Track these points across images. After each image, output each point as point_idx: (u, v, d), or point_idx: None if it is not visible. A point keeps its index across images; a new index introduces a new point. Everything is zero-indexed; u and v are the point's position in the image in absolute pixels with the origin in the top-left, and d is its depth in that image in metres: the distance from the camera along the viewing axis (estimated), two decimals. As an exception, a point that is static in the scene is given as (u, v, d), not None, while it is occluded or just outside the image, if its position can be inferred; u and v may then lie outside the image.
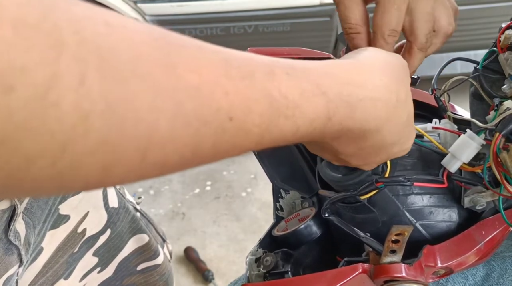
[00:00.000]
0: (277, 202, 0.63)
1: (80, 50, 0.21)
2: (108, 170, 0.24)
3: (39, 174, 0.21)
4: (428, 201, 0.52)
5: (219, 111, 0.27)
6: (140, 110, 0.23)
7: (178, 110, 0.25)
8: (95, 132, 0.22)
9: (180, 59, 0.26)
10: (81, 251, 0.69)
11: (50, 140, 0.21)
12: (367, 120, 0.37)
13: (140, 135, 0.23)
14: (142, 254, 0.78)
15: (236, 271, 1.85)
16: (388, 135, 0.40)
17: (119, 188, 0.76)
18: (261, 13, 1.97)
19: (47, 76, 0.20)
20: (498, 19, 2.01)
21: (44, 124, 0.20)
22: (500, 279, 0.60)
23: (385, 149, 0.42)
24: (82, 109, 0.21)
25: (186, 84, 0.25)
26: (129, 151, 0.23)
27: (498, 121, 0.47)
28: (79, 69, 0.21)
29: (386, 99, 0.39)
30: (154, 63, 0.24)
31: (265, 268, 0.53)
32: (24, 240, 0.56)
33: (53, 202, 0.62)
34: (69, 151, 0.21)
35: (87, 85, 0.21)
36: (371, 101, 0.37)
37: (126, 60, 0.23)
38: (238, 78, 0.28)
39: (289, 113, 0.31)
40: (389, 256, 0.47)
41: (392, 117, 0.39)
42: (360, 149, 0.40)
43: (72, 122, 0.21)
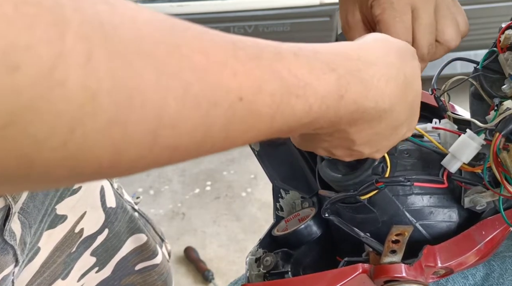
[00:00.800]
0: (277, 202, 0.63)
1: (84, 28, 0.21)
2: (120, 152, 0.23)
3: (50, 155, 0.21)
4: (428, 201, 0.52)
5: (229, 92, 0.27)
6: (146, 90, 0.23)
7: (186, 91, 0.24)
8: (103, 112, 0.21)
9: (185, 40, 0.25)
10: (79, 251, 0.69)
11: (58, 120, 0.20)
12: (382, 98, 0.37)
13: (149, 116, 0.23)
14: (140, 253, 0.78)
15: (236, 271, 1.85)
16: (400, 114, 0.40)
17: (117, 187, 0.76)
18: (261, 13, 1.97)
19: (52, 54, 0.19)
20: (498, 19, 2.01)
21: (51, 104, 0.20)
22: (500, 279, 0.60)
23: (397, 130, 0.42)
24: (89, 88, 0.21)
25: (193, 64, 0.25)
26: (139, 132, 0.23)
27: (498, 121, 0.47)
28: (84, 47, 0.20)
29: (396, 76, 0.38)
30: (158, 43, 0.24)
31: (265, 268, 0.53)
32: (20, 240, 0.56)
33: (50, 202, 0.62)
34: (78, 130, 0.21)
35: (93, 63, 0.21)
36: (383, 77, 0.37)
37: (129, 38, 0.23)
38: (246, 59, 0.28)
39: (300, 92, 0.31)
40: (389, 256, 0.47)
41: (403, 95, 0.39)
42: (376, 133, 0.40)
43: (79, 102, 0.21)
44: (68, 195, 0.65)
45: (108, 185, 0.73)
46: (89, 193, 0.68)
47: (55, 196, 0.63)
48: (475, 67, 0.57)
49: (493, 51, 0.56)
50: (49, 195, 0.61)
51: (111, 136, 0.22)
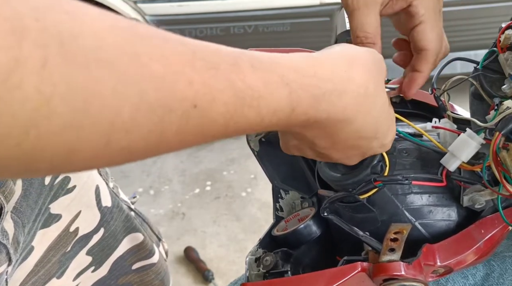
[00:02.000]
0: (277, 202, 0.63)
1: (42, 36, 0.22)
2: (73, 153, 0.25)
3: (4, 153, 0.22)
4: (427, 200, 0.52)
5: (184, 100, 0.28)
6: (103, 96, 0.24)
7: (142, 98, 0.26)
8: (58, 115, 0.23)
9: (145, 49, 0.26)
10: (74, 250, 0.69)
11: (14, 122, 0.22)
12: (335, 111, 0.38)
13: (104, 120, 0.24)
14: (137, 253, 0.78)
15: (236, 271, 1.85)
16: (363, 128, 0.41)
17: (113, 187, 0.76)
18: (261, 13, 1.97)
19: (9, 60, 0.21)
20: (498, 19, 2.01)
21: (7, 106, 0.21)
22: (500, 279, 0.61)
23: (362, 142, 0.43)
24: (44, 92, 0.22)
25: (150, 73, 0.26)
26: (93, 135, 0.24)
27: (498, 121, 0.47)
28: (40, 54, 0.22)
29: (353, 91, 0.39)
30: (117, 51, 0.25)
31: (265, 268, 0.53)
32: (13, 239, 0.56)
33: (43, 201, 0.62)
34: (33, 132, 0.22)
35: (48, 69, 0.22)
36: (336, 92, 0.38)
37: (88, 46, 0.24)
38: (203, 69, 0.29)
39: (254, 104, 0.32)
40: (388, 255, 0.47)
41: (362, 109, 0.40)
42: (335, 142, 0.41)
43: (34, 105, 0.22)
44: (62, 194, 0.65)
45: (104, 184, 0.73)
46: (84, 192, 0.68)
47: (49, 195, 0.63)
48: (475, 67, 0.57)
49: (493, 51, 0.56)
50: (43, 194, 0.61)
51: (64, 139, 0.24)
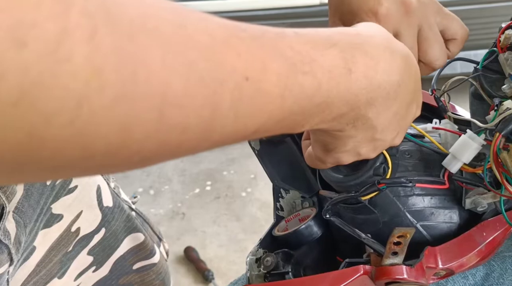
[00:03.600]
0: (278, 201, 0.63)
1: (88, 5, 0.21)
2: (127, 129, 0.23)
3: (59, 132, 0.21)
4: (429, 202, 0.52)
5: (234, 72, 0.27)
6: (151, 66, 0.23)
7: (191, 69, 0.25)
8: (109, 87, 0.22)
9: (189, 21, 0.26)
10: (76, 250, 0.69)
11: (65, 96, 0.21)
12: (393, 70, 0.37)
13: (155, 92, 0.23)
14: (137, 253, 0.78)
15: (236, 271, 1.85)
16: (409, 88, 0.40)
17: (114, 187, 0.76)
18: (261, 13, 1.97)
19: (57, 31, 0.20)
20: (498, 19, 2.01)
21: (58, 80, 0.20)
22: (500, 279, 0.61)
23: (409, 107, 0.42)
24: (95, 64, 0.21)
25: (197, 44, 0.25)
26: (145, 108, 0.23)
27: (498, 121, 0.47)
28: (88, 23, 0.21)
29: (397, 49, 0.39)
30: (163, 21, 0.24)
31: (265, 269, 0.53)
32: (15, 239, 0.56)
33: (45, 201, 0.62)
34: (85, 107, 0.21)
35: (97, 39, 0.21)
36: (387, 49, 0.37)
37: (133, 16, 0.23)
38: (249, 39, 0.28)
39: (306, 69, 0.31)
40: (391, 258, 0.47)
41: (407, 67, 0.40)
42: (394, 113, 0.40)
43: (85, 77, 0.21)
44: (64, 194, 0.65)
45: (105, 184, 0.73)
46: (85, 192, 0.68)
47: (51, 195, 0.63)
48: (475, 67, 0.57)
49: (493, 51, 0.56)
50: (44, 194, 0.61)
51: (117, 113, 0.23)
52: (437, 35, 0.55)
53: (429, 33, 0.54)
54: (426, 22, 0.53)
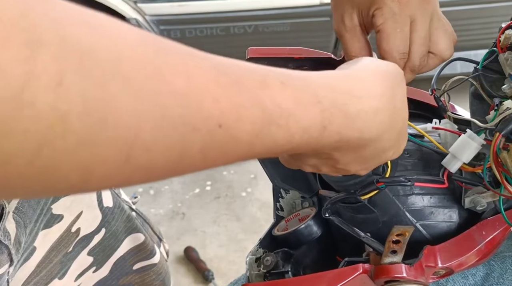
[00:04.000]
0: (277, 201, 0.63)
1: (60, 50, 0.21)
2: (90, 171, 0.23)
3: (16, 172, 0.21)
4: (428, 201, 0.52)
5: (208, 118, 0.26)
6: (121, 113, 0.23)
7: (164, 115, 0.24)
8: (73, 133, 0.22)
9: (167, 64, 0.25)
10: (76, 250, 0.69)
11: (25, 140, 0.21)
12: (369, 130, 0.37)
13: (122, 138, 0.23)
14: (138, 253, 0.78)
15: (236, 271, 1.85)
16: (387, 141, 0.40)
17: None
18: (261, 13, 1.97)
19: (22, 75, 0.20)
20: (498, 19, 2.01)
21: (19, 124, 0.20)
22: (500, 279, 0.61)
23: (384, 154, 0.42)
24: (60, 110, 0.21)
25: (173, 89, 0.25)
26: (110, 152, 0.23)
27: (498, 121, 0.47)
28: (57, 69, 0.21)
29: (387, 107, 0.38)
30: (137, 66, 0.24)
31: (265, 268, 0.53)
32: (15, 240, 0.56)
33: (45, 202, 0.62)
34: (46, 150, 0.21)
35: (65, 85, 0.21)
36: (371, 110, 0.37)
37: (106, 61, 0.23)
38: (228, 85, 0.28)
39: (282, 122, 0.31)
40: (390, 257, 0.47)
41: (391, 124, 0.39)
42: (360, 156, 0.40)
43: (49, 123, 0.21)
44: (64, 195, 0.65)
45: None
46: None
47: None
48: (475, 67, 0.57)
49: (493, 51, 0.56)
50: None
51: (80, 156, 0.23)
52: (447, 25, 0.54)
53: (439, 24, 0.53)
54: (436, 13, 0.53)
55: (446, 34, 0.54)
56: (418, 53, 0.52)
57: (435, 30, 0.53)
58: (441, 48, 0.53)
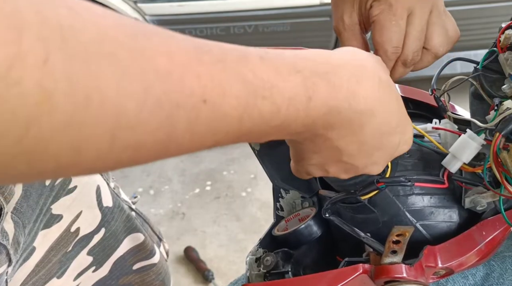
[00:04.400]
0: (277, 201, 0.63)
1: (42, 29, 0.22)
2: (78, 150, 0.24)
3: (5, 151, 0.22)
4: (428, 201, 0.52)
5: (192, 95, 0.27)
6: (105, 91, 0.23)
7: (148, 93, 0.25)
8: (60, 111, 0.22)
9: (148, 43, 0.26)
10: (75, 250, 0.69)
11: (13, 118, 0.21)
12: (356, 99, 0.37)
13: (108, 116, 0.24)
14: (137, 253, 0.78)
15: (236, 271, 1.85)
16: (385, 119, 0.39)
17: (114, 187, 0.75)
18: (261, 13, 1.97)
19: (9, 55, 0.20)
20: (498, 19, 2.01)
21: (6, 103, 0.21)
22: (500, 279, 0.61)
23: (387, 139, 0.41)
24: (46, 88, 0.21)
25: (156, 67, 0.26)
26: (97, 131, 0.24)
27: (498, 121, 0.47)
28: (42, 49, 0.21)
29: (369, 78, 0.38)
30: (120, 45, 0.24)
31: (265, 268, 0.53)
32: (13, 240, 0.56)
33: (44, 202, 0.62)
34: (34, 129, 0.22)
35: (50, 64, 0.21)
36: (353, 77, 0.37)
37: (89, 40, 0.23)
38: (210, 62, 0.29)
39: (266, 94, 0.31)
40: (390, 257, 0.47)
41: (382, 97, 0.39)
42: (362, 141, 0.39)
43: (35, 101, 0.21)
44: (63, 195, 0.65)
45: (105, 184, 0.73)
46: (85, 192, 0.68)
47: (50, 195, 0.63)
48: (475, 67, 0.57)
49: (493, 51, 0.56)
50: (44, 195, 0.61)
51: (67, 135, 0.23)
52: (447, 21, 0.53)
53: (438, 19, 0.52)
54: (437, 8, 0.52)
55: (443, 30, 0.53)
56: (412, 47, 0.51)
57: (432, 25, 0.52)
58: (434, 43, 0.53)
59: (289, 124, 0.34)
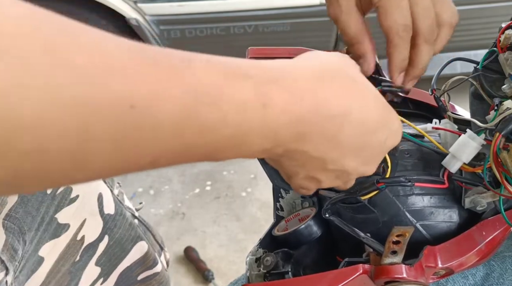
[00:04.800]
0: (277, 201, 0.63)
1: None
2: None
3: None
4: (428, 202, 0.52)
5: (116, 98, 0.24)
6: (2, 88, 0.21)
7: (54, 93, 0.23)
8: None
9: (69, 40, 0.24)
10: (83, 260, 0.68)
11: None
12: (324, 103, 0.34)
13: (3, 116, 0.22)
14: (143, 263, 0.77)
15: (236, 271, 1.85)
16: (363, 118, 0.37)
17: (118, 194, 0.75)
18: (261, 13, 1.97)
19: None
20: (498, 19, 2.01)
21: None
22: (500, 279, 0.61)
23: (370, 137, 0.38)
24: None
25: (71, 65, 0.23)
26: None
27: (498, 121, 0.47)
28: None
29: (336, 78, 0.36)
30: (28, 41, 0.22)
31: (265, 268, 0.53)
32: (6, 246, 0.54)
33: (46, 210, 0.61)
34: None
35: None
36: (318, 82, 0.34)
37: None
38: (145, 63, 0.26)
39: (210, 100, 0.28)
40: (390, 257, 0.47)
41: (355, 94, 0.36)
42: (342, 146, 0.37)
43: None
44: (66, 204, 0.64)
45: (108, 192, 0.72)
46: (86, 200, 0.68)
47: (52, 204, 0.62)
48: (475, 67, 0.57)
49: (493, 51, 0.56)
50: (45, 203, 0.60)
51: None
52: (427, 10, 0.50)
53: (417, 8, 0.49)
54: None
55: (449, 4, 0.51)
56: (425, 25, 0.49)
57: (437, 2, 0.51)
58: (445, 17, 0.51)
59: (244, 136, 0.31)
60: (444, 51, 0.56)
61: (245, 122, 0.30)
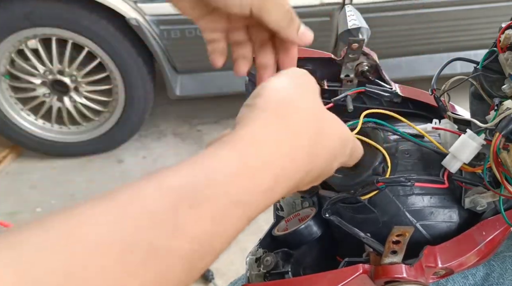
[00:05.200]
0: (277, 201, 0.63)
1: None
2: None
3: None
4: (428, 202, 0.52)
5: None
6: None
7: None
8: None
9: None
10: None
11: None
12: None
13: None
14: None
15: (236, 271, 1.84)
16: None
17: None
18: (261, 13, 1.97)
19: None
20: (498, 19, 2.01)
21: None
22: (500, 279, 0.61)
23: (336, 161, 0.42)
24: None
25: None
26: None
27: (498, 121, 0.47)
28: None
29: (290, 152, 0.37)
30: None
31: (265, 268, 0.53)
32: None
33: None
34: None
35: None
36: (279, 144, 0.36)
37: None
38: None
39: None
40: (390, 257, 0.47)
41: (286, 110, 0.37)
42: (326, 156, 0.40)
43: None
44: None
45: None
46: None
47: None
48: (475, 67, 0.57)
49: (493, 51, 0.56)
50: None
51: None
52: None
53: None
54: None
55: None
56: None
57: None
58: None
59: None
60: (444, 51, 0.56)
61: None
